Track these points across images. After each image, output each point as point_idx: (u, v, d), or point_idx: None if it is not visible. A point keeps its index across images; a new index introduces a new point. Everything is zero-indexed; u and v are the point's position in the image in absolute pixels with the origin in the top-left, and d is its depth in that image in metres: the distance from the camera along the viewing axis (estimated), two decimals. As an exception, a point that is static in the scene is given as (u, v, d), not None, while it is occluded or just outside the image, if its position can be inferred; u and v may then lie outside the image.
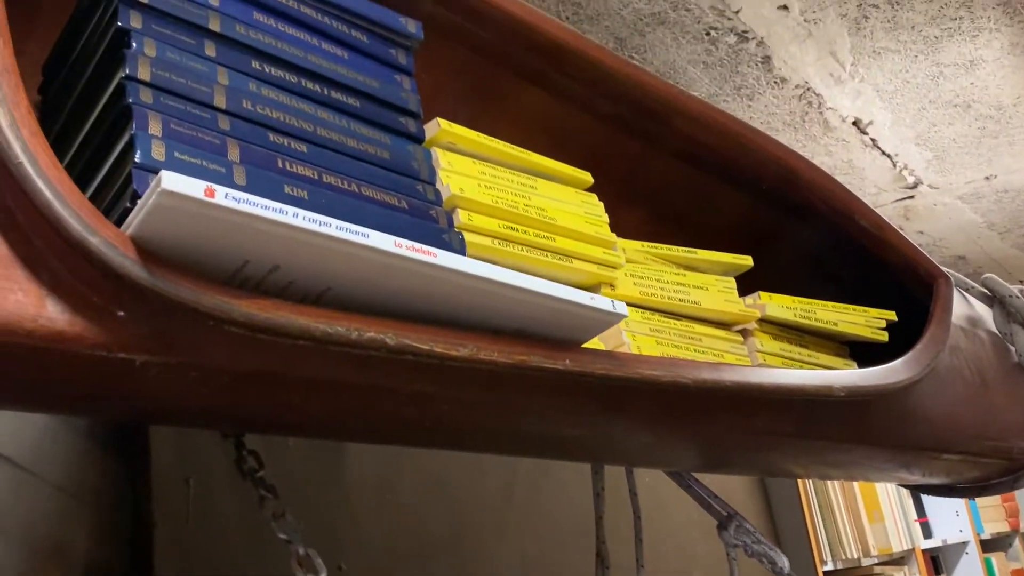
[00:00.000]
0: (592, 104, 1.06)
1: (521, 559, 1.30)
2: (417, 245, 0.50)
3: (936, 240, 3.29)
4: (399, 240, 0.49)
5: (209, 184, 0.43)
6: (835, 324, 1.04)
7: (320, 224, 0.46)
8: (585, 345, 0.72)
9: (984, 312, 1.36)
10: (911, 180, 2.69)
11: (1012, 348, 1.32)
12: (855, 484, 2.23)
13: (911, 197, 2.87)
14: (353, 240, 0.46)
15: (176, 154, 0.53)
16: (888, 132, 2.40)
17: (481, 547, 1.26)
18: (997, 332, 1.33)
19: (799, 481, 1.99)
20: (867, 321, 1.08)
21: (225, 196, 0.43)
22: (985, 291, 1.36)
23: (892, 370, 0.89)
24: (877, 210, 3.12)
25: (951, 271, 1.40)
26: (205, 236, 0.45)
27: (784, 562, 0.96)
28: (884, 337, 1.06)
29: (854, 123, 2.30)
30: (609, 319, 0.61)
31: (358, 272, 0.49)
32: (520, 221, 0.79)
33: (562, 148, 0.96)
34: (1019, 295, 1.33)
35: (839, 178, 2.75)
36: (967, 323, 1.28)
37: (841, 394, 0.79)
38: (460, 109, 0.99)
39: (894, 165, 2.57)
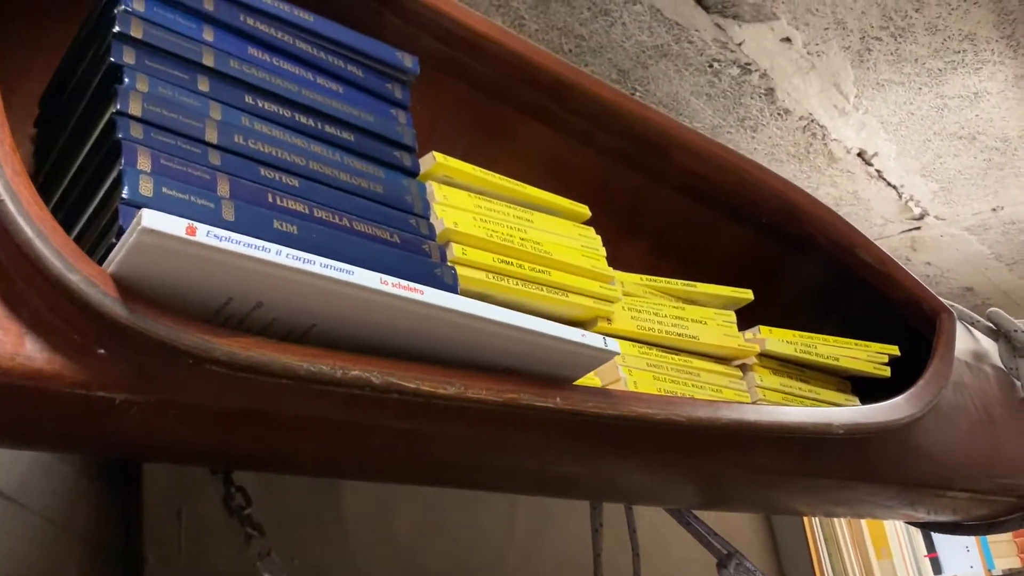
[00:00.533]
0: (593, 138, 1.06)
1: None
2: (403, 282, 0.50)
3: (944, 271, 3.28)
4: (384, 277, 0.49)
5: (190, 222, 0.42)
6: (836, 359, 1.03)
7: (303, 261, 0.45)
8: (581, 381, 0.72)
9: (989, 347, 1.35)
10: (917, 211, 2.68)
11: (1018, 383, 1.31)
12: (862, 520, 2.20)
13: (918, 228, 2.86)
14: (337, 277, 0.46)
15: (164, 189, 0.53)
16: (893, 163, 2.40)
17: (479, 584, 1.25)
18: (1003, 367, 1.32)
19: (805, 517, 1.96)
20: (869, 356, 1.06)
21: (207, 234, 0.42)
22: (990, 325, 1.35)
23: (893, 407, 0.88)
24: (884, 241, 3.11)
25: (955, 305, 1.38)
26: (187, 273, 0.44)
27: (785, 602, 0.94)
28: (886, 372, 1.05)
29: (859, 154, 2.30)
30: (601, 356, 0.61)
31: (343, 309, 0.49)
32: (515, 255, 0.78)
33: (564, 182, 0.96)
34: (1024, 330, 1.31)
35: (845, 209, 2.75)
36: (972, 358, 1.26)
37: (840, 432, 0.78)
38: (460, 144, 0.99)
39: (900, 196, 2.56)
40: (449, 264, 0.69)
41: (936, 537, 2.96)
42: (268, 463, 0.62)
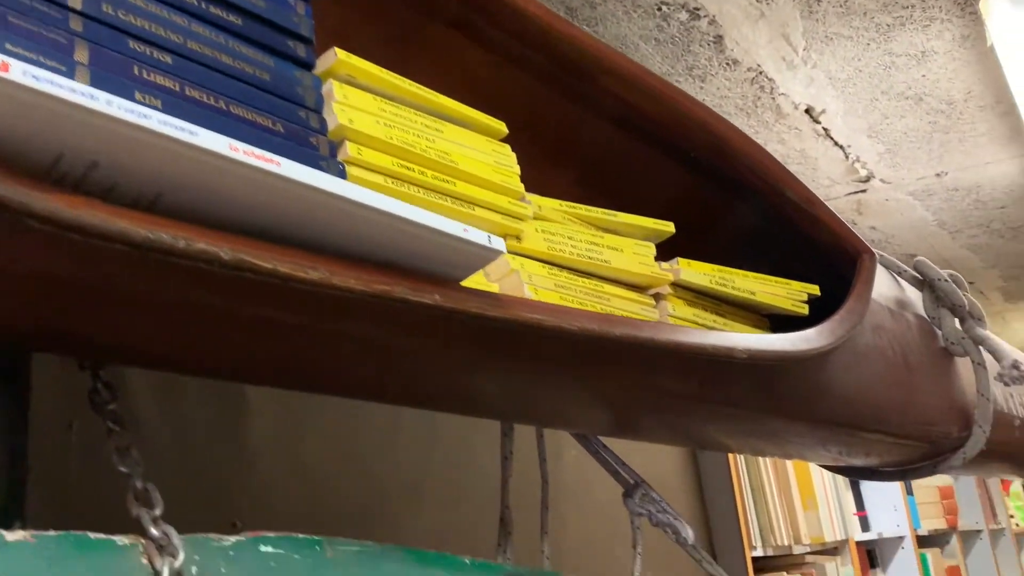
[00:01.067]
0: (521, 59, 1.03)
1: (436, 532, 1.27)
2: (257, 151, 0.46)
3: (888, 236, 3.31)
4: (235, 143, 0.45)
5: (4, 58, 0.39)
6: (753, 293, 1.02)
7: (137, 115, 0.42)
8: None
9: (914, 296, 1.35)
10: (863, 173, 2.69)
11: (939, 332, 1.32)
12: (790, 471, 2.23)
13: (863, 191, 2.87)
14: (177, 137, 0.43)
15: (8, 45, 0.49)
16: (840, 122, 2.39)
17: (394, 517, 1.23)
18: (925, 316, 1.33)
19: (732, 465, 1.98)
20: (788, 293, 1.06)
21: (23, 73, 0.39)
22: (916, 275, 1.35)
23: (802, 338, 0.87)
24: (829, 203, 3.11)
25: (884, 254, 1.38)
26: (8, 121, 0.40)
27: (688, 532, 0.93)
28: (804, 310, 1.04)
29: (806, 111, 2.29)
30: (485, 254, 0.58)
31: (189, 177, 0.46)
32: (418, 161, 0.75)
33: (489, 104, 0.92)
34: (948, 279, 1.32)
35: (792, 168, 2.75)
36: (895, 305, 1.27)
37: (743, 356, 0.77)
38: (374, 55, 0.95)
39: (846, 156, 2.56)
40: (338, 160, 0.66)
41: (865, 496, 3.03)
42: (130, 353, 0.58)
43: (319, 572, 0.58)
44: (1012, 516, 4.92)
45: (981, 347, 1.29)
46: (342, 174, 0.64)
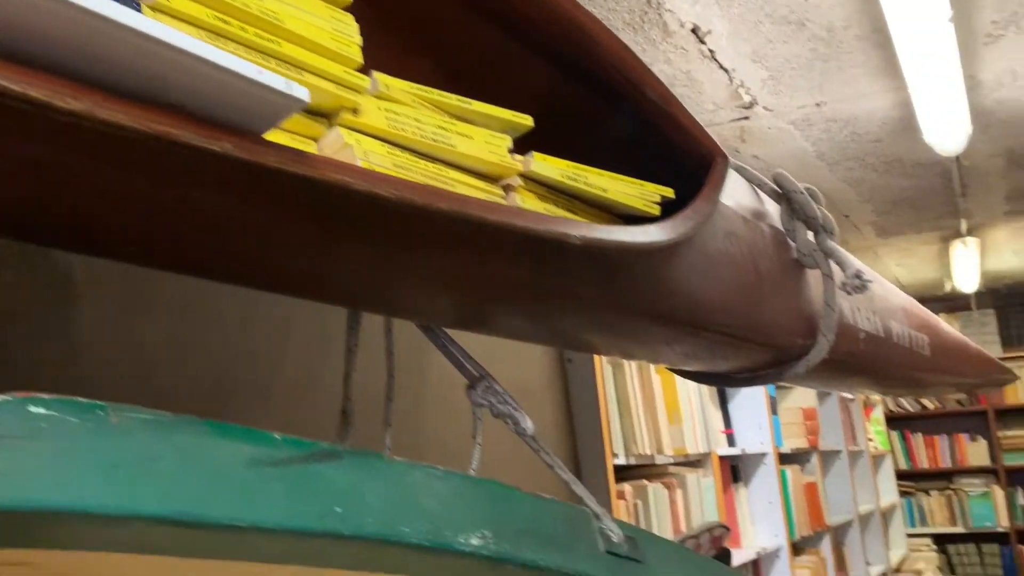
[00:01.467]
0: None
1: (283, 422, 1.25)
2: (-3, -47, 0.41)
3: (770, 166, 3.38)
4: (-34, -61, 0.40)
5: None
6: (605, 191, 1.02)
7: None
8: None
9: (772, 209, 1.38)
10: (747, 99, 2.73)
11: (792, 244, 1.35)
12: (656, 387, 2.30)
13: (746, 118, 2.91)
14: None
15: None
16: (726, 44, 2.40)
17: (241, 407, 1.20)
18: (782, 228, 1.36)
19: (598, 377, 2.02)
20: (641, 194, 1.05)
21: None
22: (776, 188, 1.38)
23: (642, 231, 0.87)
24: (714, 129, 3.13)
25: (746, 167, 1.40)
26: None
27: (528, 424, 0.94)
28: (656, 211, 1.05)
29: (693, 30, 2.28)
30: (284, 101, 0.54)
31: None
32: (237, 16, 0.70)
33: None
34: (804, 192, 1.35)
35: (678, 91, 2.76)
36: (752, 215, 1.29)
37: (577, 242, 0.76)
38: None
39: (731, 81, 2.59)
40: (136, 3, 0.61)
41: (733, 415, 3.17)
42: None
43: (100, 438, 0.55)
44: (871, 440, 5.26)
45: (831, 260, 1.34)
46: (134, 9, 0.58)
